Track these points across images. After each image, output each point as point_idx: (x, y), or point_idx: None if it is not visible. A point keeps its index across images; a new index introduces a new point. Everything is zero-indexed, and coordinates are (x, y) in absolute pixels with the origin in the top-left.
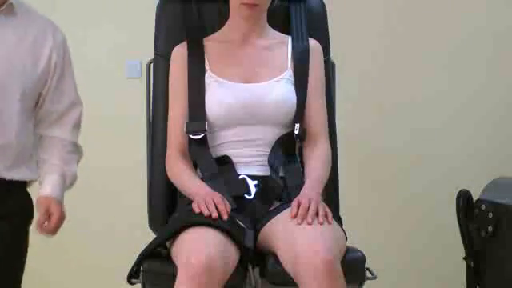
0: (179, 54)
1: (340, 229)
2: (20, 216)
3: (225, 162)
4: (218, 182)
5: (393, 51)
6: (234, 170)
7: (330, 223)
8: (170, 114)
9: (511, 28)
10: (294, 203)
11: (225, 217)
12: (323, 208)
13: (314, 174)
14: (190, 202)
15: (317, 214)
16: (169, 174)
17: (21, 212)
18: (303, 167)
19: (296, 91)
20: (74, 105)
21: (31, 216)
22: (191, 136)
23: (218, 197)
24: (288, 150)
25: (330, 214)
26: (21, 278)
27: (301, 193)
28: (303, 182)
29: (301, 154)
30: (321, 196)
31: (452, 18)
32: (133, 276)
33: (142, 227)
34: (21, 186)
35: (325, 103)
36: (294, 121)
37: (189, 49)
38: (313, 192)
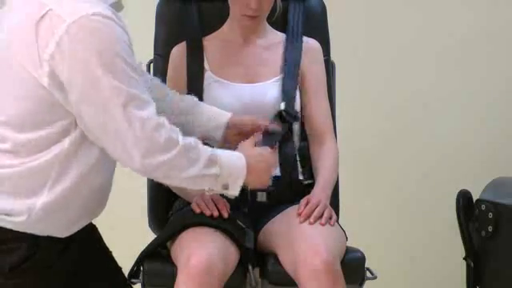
0: (178, 54)
1: (340, 229)
2: None
3: None
4: None
5: (393, 51)
6: None
7: (331, 225)
8: None
9: (510, 28)
10: (303, 201)
11: (225, 215)
12: (329, 212)
13: (324, 175)
14: (188, 202)
15: (321, 216)
16: None
17: None
18: (311, 165)
19: (282, 88)
20: None
21: None
22: None
23: (216, 196)
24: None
25: (334, 218)
26: None
27: (312, 192)
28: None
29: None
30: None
31: (452, 17)
32: (133, 276)
33: (142, 227)
34: None
35: (328, 102)
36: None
37: (188, 48)
38: (323, 193)
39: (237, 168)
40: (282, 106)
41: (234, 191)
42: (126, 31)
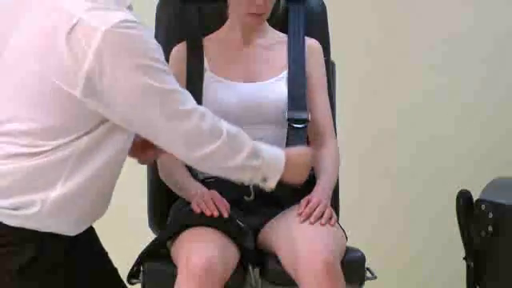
0: (178, 54)
1: (340, 229)
2: None
3: None
4: (218, 183)
5: (393, 51)
6: None
7: (332, 225)
8: None
9: (510, 28)
10: (304, 202)
11: (225, 215)
12: (329, 212)
13: (325, 174)
14: (188, 202)
15: (321, 216)
16: (161, 173)
17: None
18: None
19: (289, 86)
20: None
21: None
22: None
23: (216, 195)
24: None
25: (334, 219)
26: None
27: (312, 192)
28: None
29: None
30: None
31: (453, 18)
32: (133, 276)
33: (142, 227)
34: None
35: (328, 102)
36: (289, 110)
37: (188, 48)
38: (324, 193)
39: (277, 161)
40: (287, 114)
41: (272, 184)
42: (150, 31)
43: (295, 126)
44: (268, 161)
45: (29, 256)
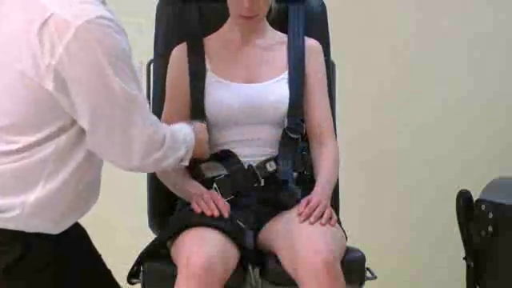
0: (179, 55)
1: (340, 229)
2: None
3: (227, 155)
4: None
5: (393, 51)
6: (239, 161)
7: (332, 226)
8: (164, 112)
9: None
10: (304, 201)
11: (225, 215)
12: (329, 212)
13: (325, 175)
14: (188, 203)
15: (321, 216)
16: (159, 174)
17: None
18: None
19: (290, 90)
20: None
21: None
22: None
23: (215, 195)
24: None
25: (334, 219)
26: None
27: (312, 192)
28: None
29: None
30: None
31: (452, 18)
32: (133, 276)
33: (141, 227)
34: None
35: (328, 102)
36: (288, 116)
37: (189, 48)
38: (323, 193)
39: (192, 141)
40: (286, 122)
41: (186, 162)
42: (125, 32)
43: (291, 135)
44: (188, 143)
45: (16, 255)
